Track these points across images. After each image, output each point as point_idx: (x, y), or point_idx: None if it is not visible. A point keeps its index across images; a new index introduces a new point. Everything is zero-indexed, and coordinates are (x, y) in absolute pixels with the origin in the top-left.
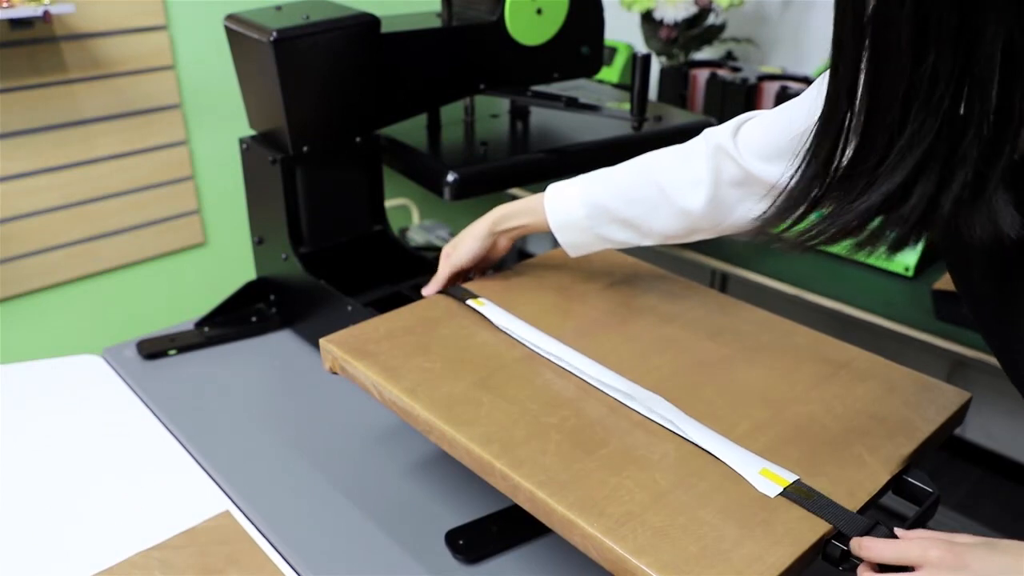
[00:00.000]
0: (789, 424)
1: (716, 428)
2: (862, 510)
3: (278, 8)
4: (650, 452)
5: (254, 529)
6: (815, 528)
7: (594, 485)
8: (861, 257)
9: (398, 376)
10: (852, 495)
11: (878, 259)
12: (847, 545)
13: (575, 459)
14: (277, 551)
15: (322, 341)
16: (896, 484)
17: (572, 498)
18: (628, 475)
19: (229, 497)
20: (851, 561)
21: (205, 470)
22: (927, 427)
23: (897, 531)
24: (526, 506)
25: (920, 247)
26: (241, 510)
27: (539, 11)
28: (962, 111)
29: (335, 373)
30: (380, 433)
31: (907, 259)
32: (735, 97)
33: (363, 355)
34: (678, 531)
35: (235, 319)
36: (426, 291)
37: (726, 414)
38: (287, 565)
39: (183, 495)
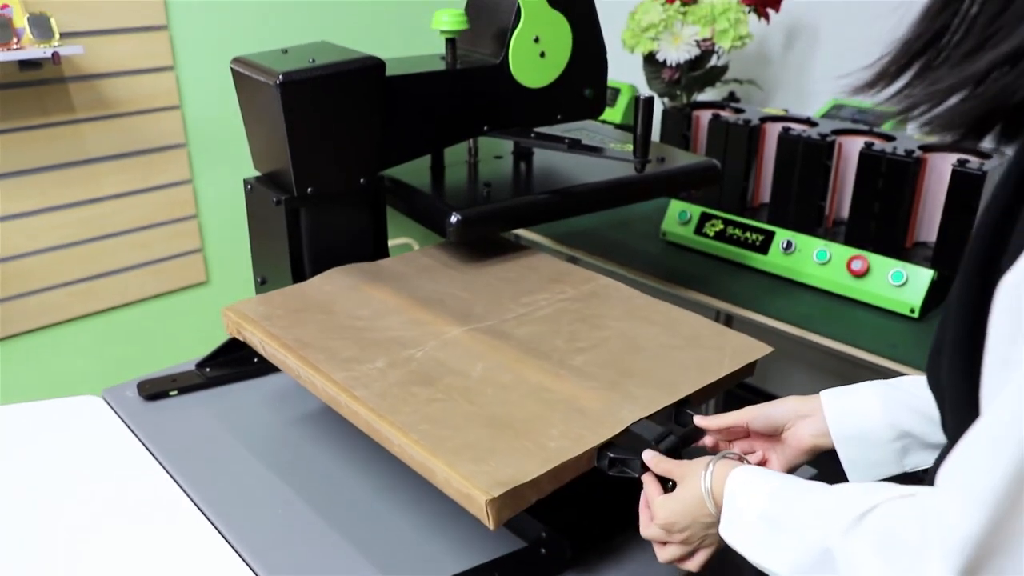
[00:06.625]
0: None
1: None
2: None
3: (284, 51)
4: (470, 381)
5: (252, 575)
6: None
7: (419, 406)
8: (863, 297)
9: (283, 335)
10: (646, 409)
11: (882, 299)
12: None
13: (411, 392)
14: None
15: (223, 309)
16: (677, 411)
17: (396, 419)
18: (446, 399)
19: (228, 542)
20: (619, 468)
21: (205, 514)
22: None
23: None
24: (363, 428)
25: (925, 288)
26: (240, 555)
27: (542, 54)
28: None
29: (236, 338)
30: (384, 478)
31: (912, 300)
32: (738, 138)
33: (256, 320)
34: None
35: (237, 360)
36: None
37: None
38: None
39: (183, 539)
